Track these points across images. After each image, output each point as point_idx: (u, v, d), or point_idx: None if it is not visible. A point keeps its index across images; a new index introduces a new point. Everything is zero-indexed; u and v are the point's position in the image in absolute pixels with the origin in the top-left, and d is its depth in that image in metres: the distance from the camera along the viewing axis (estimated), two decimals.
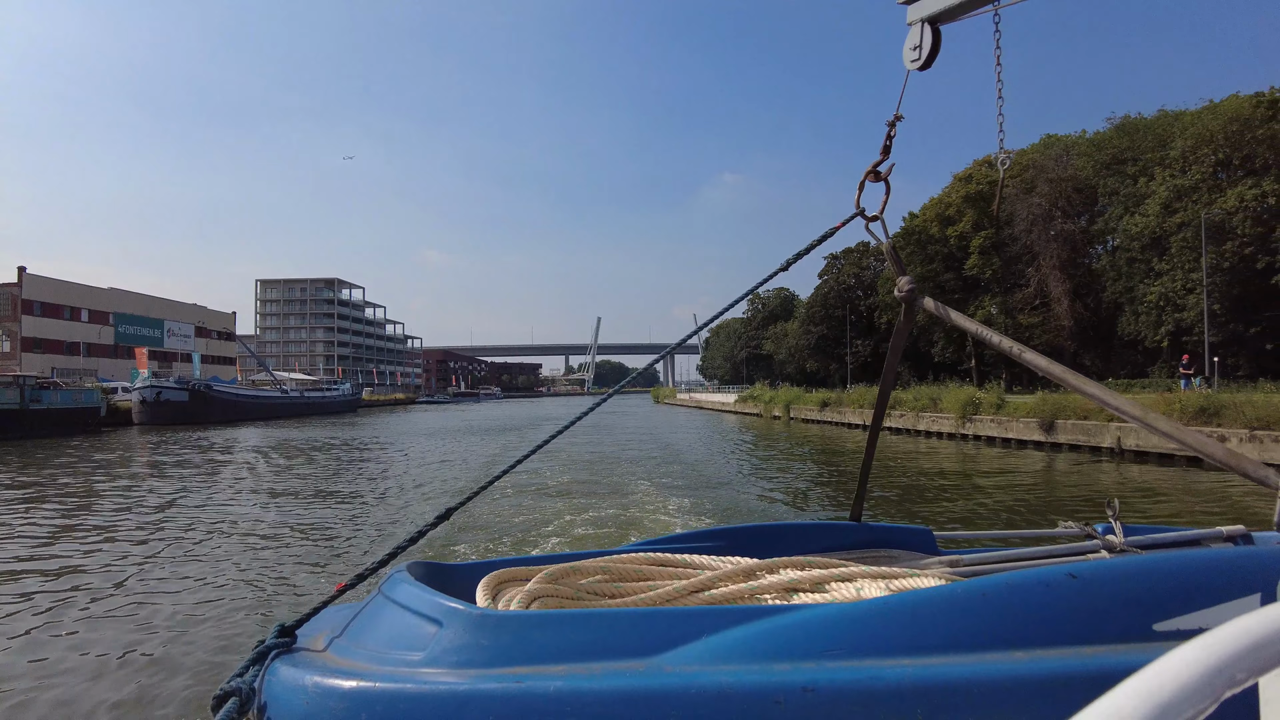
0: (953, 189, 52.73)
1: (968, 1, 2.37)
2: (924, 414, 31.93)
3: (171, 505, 13.95)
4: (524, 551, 9.01)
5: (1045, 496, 14.24)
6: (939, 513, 12.57)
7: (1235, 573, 1.61)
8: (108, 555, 9.87)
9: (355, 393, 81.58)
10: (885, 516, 11.98)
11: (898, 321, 2.60)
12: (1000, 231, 48.35)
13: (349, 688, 1.44)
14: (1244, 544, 2.68)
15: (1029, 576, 1.59)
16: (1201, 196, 37.14)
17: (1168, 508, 12.69)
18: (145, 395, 46.65)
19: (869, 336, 67.44)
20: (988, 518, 11.93)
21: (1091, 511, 11.93)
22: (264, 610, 7.36)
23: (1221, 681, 0.63)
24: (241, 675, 1.63)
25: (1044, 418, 24.39)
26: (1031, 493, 14.66)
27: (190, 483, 17.52)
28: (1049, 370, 2.14)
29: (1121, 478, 16.89)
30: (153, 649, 6.25)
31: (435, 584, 1.89)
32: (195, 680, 5.55)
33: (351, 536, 10.99)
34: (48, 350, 59.59)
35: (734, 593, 2.04)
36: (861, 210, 2.49)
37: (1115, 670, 0.87)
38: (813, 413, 44.83)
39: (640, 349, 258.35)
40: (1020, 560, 2.70)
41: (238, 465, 22.18)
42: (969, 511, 12.51)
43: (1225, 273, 35.59)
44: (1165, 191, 38.81)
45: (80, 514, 13.20)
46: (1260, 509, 11.49)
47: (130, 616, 7.17)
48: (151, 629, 6.80)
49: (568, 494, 14.07)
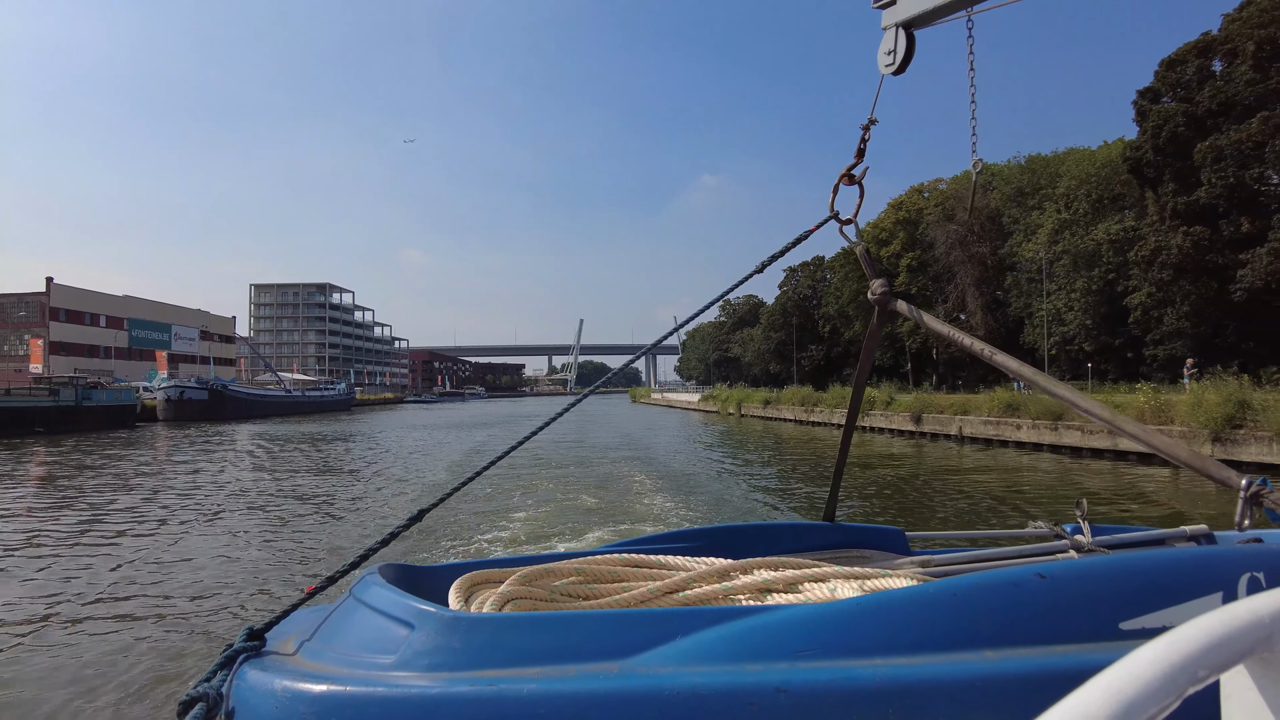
0: (886, 214, 59.61)
1: (941, 7, 2.40)
2: (838, 410, 38.76)
3: (192, 492, 15.93)
4: (498, 553, 9.05)
5: (910, 470, 20.69)
6: (823, 473, 19.13)
7: (1198, 572, 1.66)
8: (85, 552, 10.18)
9: (349, 392, 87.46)
10: (799, 481, 18.03)
11: (871, 324, 2.64)
12: (925, 252, 55.28)
13: (319, 692, 1.43)
14: (1207, 544, 2.79)
15: (999, 577, 1.62)
16: (1079, 229, 44.13)
17: (975, 480, 19.35)
18: (170, 394, 52.49)
19: (821, 343, 74.39)
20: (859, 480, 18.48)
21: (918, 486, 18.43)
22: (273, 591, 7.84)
23: (1185, 678, 0.65)
24: (209, 680, 1.60)
25: (914, 412, 31.16)
26: (902, 465, 21.24)
27: (220, 471, 20.42)
28: (1019, 371, 2.18)
29: (959, 456, 23.54)
30: (124, 647, 6.26)
31: (407, 586, 1.88)
32: (156, 681, 5.50)
33: (354, 528, 11.89)
34: (71, 353, 65.08)
35: (708, 593, 2.02)
36: (836, 213, 2.52)
37: (1083, 668, 0.87)
38: (758, 409, 51.89)
39: (622, 349, 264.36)
40: (990, 560, 2.76)
41: (257, 456, 26.33)
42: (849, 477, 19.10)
43: (1095, 294, 42.55)
44: (1051, 223, 45.81)
45: (97, 506, 14.49)
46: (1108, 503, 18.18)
47: (101, 622, 7.10)
48: (127, 628, 6.86)
49: (544, 464, 19.92)
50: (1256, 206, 29.47)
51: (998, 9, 2.39)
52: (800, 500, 14.68)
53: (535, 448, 22.38)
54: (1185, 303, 33.47)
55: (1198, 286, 32.55)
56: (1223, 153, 29.67)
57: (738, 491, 15.72)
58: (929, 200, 57.39)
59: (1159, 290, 35.03)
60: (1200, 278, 32.33)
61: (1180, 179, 32.31)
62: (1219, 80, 31.25)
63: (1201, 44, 32.60)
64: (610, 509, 12.72)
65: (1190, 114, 31.52)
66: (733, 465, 21.81)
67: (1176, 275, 33.15)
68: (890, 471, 19.48)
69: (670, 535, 2.69)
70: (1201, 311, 33.23)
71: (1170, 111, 32.60)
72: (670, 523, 11.46)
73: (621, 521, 11.58)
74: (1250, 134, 28.71)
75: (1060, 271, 45.16)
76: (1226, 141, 29.53)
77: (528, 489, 14.98)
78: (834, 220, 2.51)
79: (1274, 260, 28.16)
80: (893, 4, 2.48)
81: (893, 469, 20.17)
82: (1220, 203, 30.55)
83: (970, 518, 12.40)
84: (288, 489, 16.79)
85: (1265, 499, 1.83)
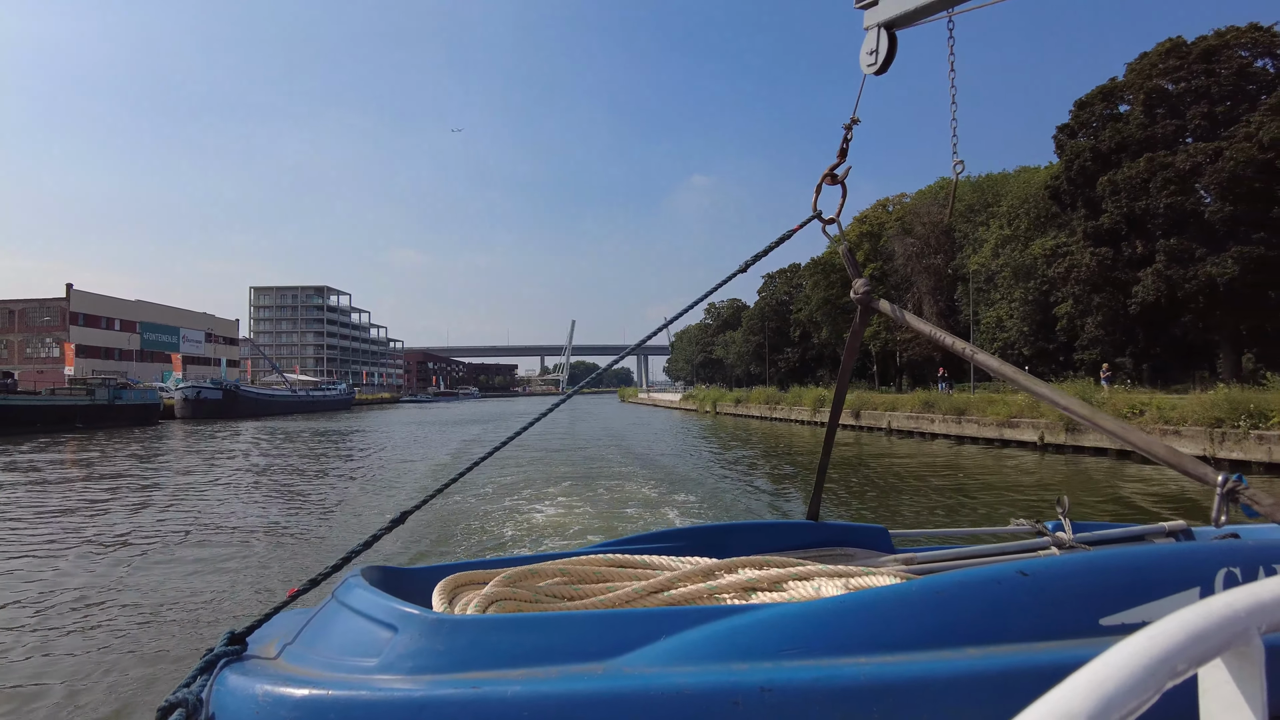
0: (852, 227, 64.23)
1: (922, 7, 2.42)
2: (796, 406, 43.48)
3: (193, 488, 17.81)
4: (483, 554, 9.07)
5: (854, 455, 25.32)
6: (778, 451, 23.68)
7: (1176, 568, 1.68)
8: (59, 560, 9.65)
9: (350, 392, 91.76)
10: (762, 460, 22.25)
11: (853, 324, 2.65)
12: (886, 263, 60.00)
13: (301, 696, 1.42)
14: (1185, 539, 2.87)
15: (981, 574, 1.63)
16: (1018, 245, 48.89)
17: (900, 462, 23.95)
18: (187, 394, 56.76)
19: (795, 346, 79.15)
20: (798, 458, 23.00)
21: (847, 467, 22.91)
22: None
23: (1164, 673, 0.66)
24: (188, 685, 1.58)
25: (854, 409, 35.77)
26: (847, 450, 25.78)
27: (237, 463, 23.83)
28: (1000, 370, 2.22)
29: (888, 446, 27.92)
30: (103, 646, 6.21)
31: (390, 589, 1.88)
32: (140, 689, 5.33)
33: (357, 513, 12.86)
34: (89, 355, 69.11)
35: (693, 593, 2.03)
36: (819, 213, 2.54)
37: (1064, 664, 0.89)
38: (731, 408, 56.64)
39: (614, 350, 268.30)
40: (973, 558, 2.80)
41: (276, 449, 30.15)
42: (788, 450, 23.64)
43: (1030, 304, 47.30)
44: (995, 239, 50.56)
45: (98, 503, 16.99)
46: None
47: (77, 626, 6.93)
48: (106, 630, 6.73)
49: (536, 448, 24.40)
50: (1146, 232, 34.15)
51: (979, 10, 2.40)
52: (744, 466, 19.18)
53: (528, 439, 26.70)
54: (1100, 313, 38.11)
55: (1106, 299, 37.23)
56: (1119, 186, 34.38)
57: (698, 463, 20.22)
58: (891, 214, 62.07)
59: (1078, 302, 39.77)
60: (1109, 292, 37.03)
61: (1090, 205, 37.01)
62: (1118, 122, 36.01)
63: (1107, 89, 37.37)
64: (588, 474, 17.17)
65: (1096, 150, 36.23)
66: (708, 451, 26.34)
67: (1089, 289, 37.83)
68: (837, 454, 23.76)
69: (655, 535, 2.71)
70: (1114, 321, 37.89)
71: (1080, 147, 37.32)
72: (659, 513, 11.96)
73: (601, 494, 13.63)
74: (1138, 171, 33.44)
75: (1002, 283, 49.89)
76: (1121, 177, 34.24)
77: (519, 466, 19.39)
78: (817, 220, 2.55)
79: (1158, 279, 32.87)
80: (875, 4, 2.53)
81: (839, 453, 24.62)
82: (1121, 227, 35.25)
83: (893, 491, 15.29)
84: (304, 481, 19.11)
85: (1241, 495, 1.81)
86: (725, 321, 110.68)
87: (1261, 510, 1.79)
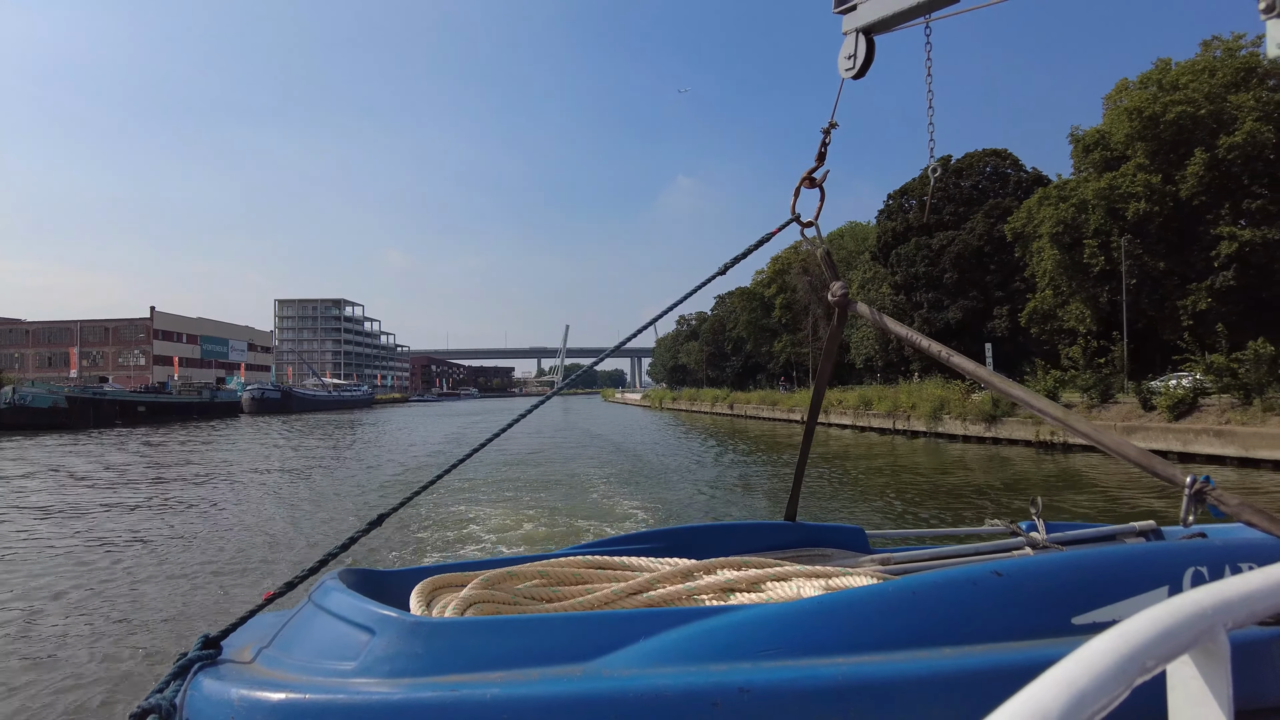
0: (770, 265, 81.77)
1: (900, 13, 2.45)
2: (762, 405, 60.89)
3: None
4: (460, 555, 9.45)
5: (724, 428, 42.36)
6: (678, 422, 40.85)
7: (1146, 567, 1.72)
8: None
9: (371, 393, 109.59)
10: (668, 426, 38.98)
11: (830, 326, 2.73)
12: (790, 294, 77.58)
13: (277, 700, 1.41)
14: (1154, 539, 2.93)
15: (957, 575, 1.66)
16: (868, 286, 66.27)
17: (842, 447, 41.11)
18: (254, 394, 74.59)
19: (738, 355, 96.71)
20: (752, 445, 40.16)
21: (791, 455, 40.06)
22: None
23: (1134, 669, 0.68)
24: (162, 691, 1.57)
25: (803, 408, 52.99)
26: (791, 441, 42.59)
27: (296, 448, 42.90)
28: (975, 373, 2.27)
29: (828, 436, 36.77)
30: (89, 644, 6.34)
31: (368, 591, 1.87)
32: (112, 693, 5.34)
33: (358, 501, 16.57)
34: (164, 364, 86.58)
35: (672, 594, 2.05)
36: (796, 216, 2.61)
37: (1037, 663, 0.90)
38: (671, 404, 76.05)
39: None
40: (949, 558, 2.82)
41: (324, 440, 48.02)
42: (746, 439, 40.86)
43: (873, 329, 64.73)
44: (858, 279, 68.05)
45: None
46: None
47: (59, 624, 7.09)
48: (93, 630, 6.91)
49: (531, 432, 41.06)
50: (918, 287, 51.71)
51: (958, 15, 2.43)
52: (653, 432, 36.01)
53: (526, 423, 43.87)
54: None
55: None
56: (902, 256, 52.00)
57: (626, 429, 36.85)
58: (798, 255, 79.47)
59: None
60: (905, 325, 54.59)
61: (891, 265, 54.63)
62: (905, 212, 53.67)
63: (905, 188, 55.01)
64: (558, 444, 33.93)
65: (894, 230, 53.84)
66: (640, 432, 43.12)
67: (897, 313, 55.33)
68: (790, 442, 38.70)
69: (634, 536, 2.74)
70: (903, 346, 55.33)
71: (890, 225, 54.91)
72: (630, 514, 12.41)
73: (566, 442, 30.53)
74: (909, 249, 51.04)
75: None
76: (904, 250, 51.81)
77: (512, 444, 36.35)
78: (795, 223, 2.63)
79: (922, 321, 50.34)
80: (853, 9, 2.56)
81: (793, 446, 34.98)
82: (908, 281, 52.75)
83: (838, 473, 19.11)
84: (378, 448, 37.47)
85: (1208, 496, 1.82)
86: (693, 331, 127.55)
87: (1228, 510, 1.80)
